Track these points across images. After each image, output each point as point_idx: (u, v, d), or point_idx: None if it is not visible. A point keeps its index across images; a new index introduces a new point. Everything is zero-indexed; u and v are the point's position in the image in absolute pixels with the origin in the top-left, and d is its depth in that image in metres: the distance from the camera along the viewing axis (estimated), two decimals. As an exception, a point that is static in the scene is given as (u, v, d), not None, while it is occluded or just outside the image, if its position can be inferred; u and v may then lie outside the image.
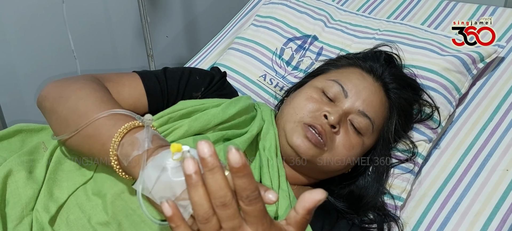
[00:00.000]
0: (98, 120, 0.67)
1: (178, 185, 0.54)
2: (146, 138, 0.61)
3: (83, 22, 1.67)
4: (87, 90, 0.75)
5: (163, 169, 0.55)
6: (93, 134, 0.67)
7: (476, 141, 1.02)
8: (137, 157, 0.61)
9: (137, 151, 0.61)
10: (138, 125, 0.66)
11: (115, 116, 0.68)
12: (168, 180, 0.55)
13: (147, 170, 0.57)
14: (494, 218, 0.90)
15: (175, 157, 0.54)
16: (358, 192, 0.92)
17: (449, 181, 0.97)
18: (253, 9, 1.49)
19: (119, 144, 0.64)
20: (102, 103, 0.71)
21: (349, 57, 1.01)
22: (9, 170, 0.72)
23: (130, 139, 0.64)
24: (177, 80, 0.92)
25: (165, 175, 0.55)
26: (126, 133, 0.65)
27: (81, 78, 0.81)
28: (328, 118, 0.83)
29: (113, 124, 0.66)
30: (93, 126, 0.67)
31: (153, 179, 0.56)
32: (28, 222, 0.69)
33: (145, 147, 0.60)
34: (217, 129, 0.82)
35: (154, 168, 0.57)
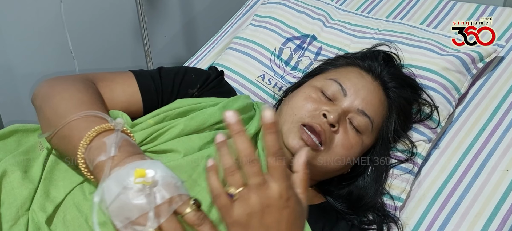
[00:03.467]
0: (73, 122, 0.68)
1: (135, 209, 0.55)
2: (114, 143, 0.61)
3: (81, 21, 1.67)
4: (71, 91, 0.76)
5: (124, 188, 0.55)
6: (68, 135, 0.68)
7: (476, 141, 1.02)
8: (101, 163, 0.61)
9: (102, 157, 0.61)
10: (109, 128, 0.66)
11: (89, 117, 0.68)
12: (127, 201, 0.55)
13: (108, 182, 0.57)
14: (494, 218, 0.89)
15: (137, 180, 0.55)
16: (357, 192, 0.91)
17: (449, 182, 0.97)
18: (252, 8, 1.48)
19: (86, 147, 0.64)
20: (81, 105, 0.71)
21: (348, 56, 1.00)
22: (4, 170, 0.72)
23: (98, 143, 0.64)
24: (172, 78, 0.92)
25: (125, 195, 0.55)
26: (95, 136, 0.65)
27: (71, 78, 0.81)
28: (327, 116, 0.83)
29: (86, 126, 0.66)
30: (68, 127, 0.68)
31: (112, 194, 0.56)
32: (23, 223, 0.68)
33: (110, 153, 0.60)
34: (214, 128, 0.81)
35: (115, 182, 0.56)
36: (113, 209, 0.56)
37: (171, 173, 0.59)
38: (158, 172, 0.57)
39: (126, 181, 0.55)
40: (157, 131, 0.78)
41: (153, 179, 0.56)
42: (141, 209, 0.55)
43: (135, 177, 0.55)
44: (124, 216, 0.55)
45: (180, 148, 0.75)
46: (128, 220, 0.55)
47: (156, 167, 0.58)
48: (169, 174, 0.58)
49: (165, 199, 0.56)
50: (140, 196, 0.55)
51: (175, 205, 0.57)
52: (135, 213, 0.55)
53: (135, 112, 0.85)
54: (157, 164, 0.59)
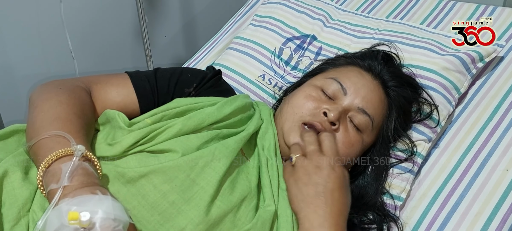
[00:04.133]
0: (42, 140, 0.68)
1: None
2: (68, 172, 0.62)
3: (81, 22, 1.67)
4: (51, 102, 0.76)
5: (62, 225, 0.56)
6: (36, 153, 0.69)
7: (476, 140, 1.02)
8: (53, 191, 0.62)
9: (54, 185, 0.62)
10: (70, 153, 0.66)
11: (56, 138, 0.68)
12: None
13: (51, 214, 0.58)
14: (494, 218, 0.89)
15: (71, 222, 0.55)
16: (358, 191, 0.91)
17: (449, 181, 0.97)
18: (252, 8, 1.48)
19: (45, 171, 0.65)
20: (55, 121, 0.72)
21: (348, 56, 1.01)
22: (5, 171, 0.72)
23: (54, 168, 0.64)
24: (168, 78, 0.92)
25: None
26: (54, 161, 0.65)
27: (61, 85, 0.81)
28: (327, 115, 0.83)
29: (51, 148, 0.66)
30: (37, 145, 0.69)
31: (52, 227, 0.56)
32: (25, 223, 0.69)
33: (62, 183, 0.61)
34: (212, 128, 0.81)
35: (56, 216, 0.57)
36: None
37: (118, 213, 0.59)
38: (99, 212, 0.56)
39: (64, 218, 0.56)
40: (155, 130, 0.77)
41: (88, 222, 0.55)
42: None
43: (68, 219, 0.55)
44: None
45: (178, 148, 0.75)
46: None
47: (100, 206, 0.58)
48: (111, 216, 0.58)
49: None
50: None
51: None
52: None
53: (132, 113, 0.85)
54: (104, 202, 0.59)
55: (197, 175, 0.73)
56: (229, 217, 0.73)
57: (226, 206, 0.73)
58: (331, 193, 0.73)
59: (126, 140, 0.76)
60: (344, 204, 0.74)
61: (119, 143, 0.75)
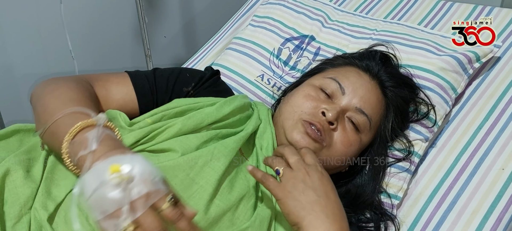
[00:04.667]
0: (59, 119, 0.69)
1: (112, 203, 0.55)
2: (95, 137, 0.62)
3: (81, 22, 1.67)
4: (61, 89, 0.77)
5: (102, 182, 0.56)
6: (55, 132, 0.69)
7: (472, 140, 1.03)
8: (83, 157, 0.62)
9: (84, 151, 0.62)
10: (92, 123, 0.67)
11: (75, 114, 0.69)
12: (104, 195, 0.56)
13: (87, 176, 0.58)
14: (490, 216, 0.90)
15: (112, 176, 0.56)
16: (355, 190, 0.92)
17: (446, 180, 0.98)
18: (251, 9, 1.49)
19: (70, 142, 0.66)
20: (69, 102, 0.73)
21: (346, 56, 1.02)
22: (7, 169, 0.72)
23: (80, 138, 0.65)
24: (166, 77, 0.93)
25: (102, 189, 0.56)
26: (78, 131, 0.66)
27: (66, 78, 0.83)
28: (326, 114, 0.84)
29: (70, 123, 0.67)
30: (55, 124, 0.69)
31: (91, 188, 0.57)
32: (26, 221, 0.70)
33: (92, 148, 0.61)
34: (211, 128, 0.82)
35: (94, 176, 0.58)
36: (91, 202, 0.57)
37: (151, 168, 0.59)
38: (136, 167, 0.57)
39: (103, 175, 0.56)
40: (155, 130, 0.78)
41: (129, 174, 0.56)
42: (117, 203, 0.55)
43: (110, 172, 0.56)
44: (102, 209, 0.56)
45: (177, 147, 0.76)
46: (106, 214, 0.56)
47: (135, 162, 0.58)
48: (147, 170, 0.59)
49: (142, 194, 0.57)
50: (116, 191, 0.56)
51: (151, 200, 0.57)
52: (112, 206, 0.55)
53: (131, 112, 0.86)
54: (137, 159, 0.59)
55: (197, 174, 0.74)
56: (228, 215, 0.74)
57: (224, 204, 0.74)
58: (326, 195, 0.72)
59: (127, 139, 0.77)
60: (340, 205, 0.74)
61: None
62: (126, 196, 0.56)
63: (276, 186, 0.72)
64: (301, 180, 0.72)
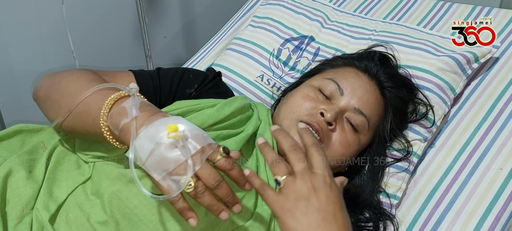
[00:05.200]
0: (88, 97, 0.70)
1: (172, 161, 0.58)
2: (133, 105, 0.64)
3: (82, 22, 1.68)
4: (76, 74, 0.78)
5: (157, 144, 0.59)
6: (84, 110, 0.70)
7: (471, 140, 1.03)
8: (126, 125, 0.63)
9: (126, 119, 0.63)
10: (125, 95, 0.68)
11: (102, 90, 0.70)
12: (162, 155, 0.58)
13: (140, 141, 0.60)
14: (488, 216, 0.91)
15: (170, 135, 0.58)
16: (354, 190, 0.93)
17: (444, 180, 0.98)
18: (251, 10, 1.50)
19: (108, 115, 0.67)
20: (91, 82, 0.74)
21: (345, 57, 1.02)
22: (9, 170, 0.73)
23: (117, 109, 0.66)
24: (170, 77, 0.94)
25: (159, 150, 0.58)
26: (113, 104, 0.67)
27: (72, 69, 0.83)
28: (324, 115, 0.84)
29: (102, 98, 0.68)
30: (83, 103, 0.70)
31: (147, 151, 0.59)
32: (28, 221, 0.70)
33: (133, 114, 0.63)
34: (212, 129, 0.83)
35: (147, 139, 0.59)
36: (149, 164, 0.59)
37: (196, 126, 0.62)
38: (186, 126, 0.60)
39: (157, 137, 0.59)
40: None
41: (183, 133, 0.59)
42: (177, 161, 0.58)
43: (168, 132, 0.58)
44: (161, 169, 0.59)
45: None
46: (166, 172, 0.59)
47: (182, 122, 0.62)
48: (195, 127, 0.62)
49: (198, 149, 0.59)
50: (174, 149, 0.59)
51: (206, 153, 0.60)
52: (172, 164, 0.58)
53: None
54: (181, 119, 0.62)
55: None
56: (228, 216, 0.75)
57: None
58: (334, 217, 0.59)
59: None
60: (348, 227, 0.61)
61: None
62: (186, 152, 0.59)
63: (274, 200, 0.61)
64: (305, 197, 0.59)
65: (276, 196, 0.61)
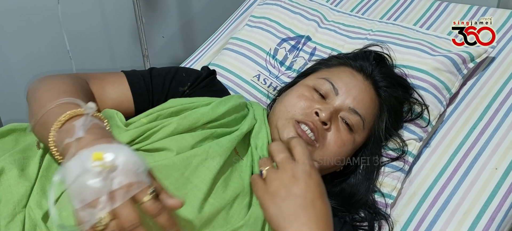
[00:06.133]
0: (50, 109, 0.69)
1: (90, 192, 0.55)
2: (82, 126, 0.62)
3: (78, 22, 1.68)
4: (56, 83, 0.78)
5: (84, 170, 0.55)
6: (45, 122, 0.70)
7: (466, 140, 1.03)
8: (67, 144, 0.62)
9: (69, 139, 0.62)
10: (81, 113, 0.67)
11: (65, 104, 0.70)
12: (84, 183, 0.55)
13: (70, 163, 0.57)
14: (482, 216, 0.91)
15: (94, 164, 0.55)
16: (349, 190, 0.93)
17: (439, 180, 0.98)
18: (248, 9, 1.50)
19: (57, 131, 0.66)
20: (62, 94, 0.73)
21: (340, 57, 1.02)
22: (1, 168, 0.73)
23: (68, 126, 0.65)
24: (163, 77, 0.94)
25: (83, 177, 0.55)
26: (66, 120, 0.66)
27: (62, 74, 0.83)
28: (319, 114, 0.84)
29: (60, 112, 0.67)
30: (46, 115, 0.70)
31: (72, 175, 0.56)
32: (20, 219, 0.70)
33: (77, 135, 0.61)
34: (206, 127, 0.83)
35: (77, 163, 0.57)
36: (72, 190, 0.56)
37: (136, 159, 0.59)
38: (120, 157, 0.56)
39: (86, 163, 0.56)
40: (150, 129, 0.79)
41: (112, 163, 0.55)
42: (96, 192, 0.55)
43: (92, 160, 0.55)
44: (81, 197, 0.55)
45: (172, 146, 0.76)
46: (84, 203, 0.55)
47: (120, 151, 0.58)
48: (131, 160, 0.58)
49: (122, 185, 0.56)
50: (97, 179, 0.55)
51: (132, 191, 0.56)
52: (91, 195, 0.55)
53: (127, 111, 0.87)
54: (122, 149, 0.59)
55: (191, 173, 0.75)
56: (222, 214, 0.75)
57: (219, 203, 0.74)
58: (313, 203, 0.65)
59: (122, 138, 0.77)
60: (327, 213, 0.66)
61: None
62: (107, 185, 0.55)
63: (258, 188, 0.67)
64: (285, 184, 0.65)
65: (262, 185, 0.68)
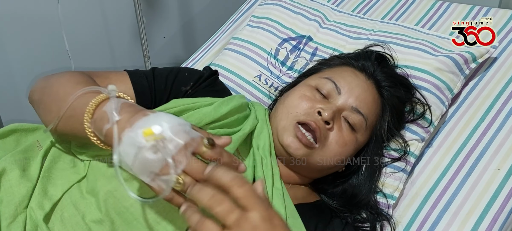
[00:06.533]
0: (75, 102, 0.70)
1: (156, 163, 0.58)
2: (113, 109, 0.63)
3: (78, 22, 1.68)
4: (66, 76, 0.79)
5: (139, 148, 0.58)
6: (72, 115, 0.70)
7: (468, 140, 1.03)
8: (109, 131, 0.63)
9: (107, 125, 0.63)
10: (105, 97, 0.68)
11: (86, 94, 0.70)
12: (145, 158, 0.57)
13: (123, 147, 0.59)
14: (485, 217, 0.90)
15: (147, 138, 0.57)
16: (351, 190, 0.93)
17: (441, 180, 0.98)
18: (249, 9, 1.50)
19: (90, 121, 0.67)
20: (78, 85, 0.74)
21: (342, 56, 1.02)
22: (3, 169, 0.73)
23: (99, 114, 0.66)
24: (165, 76, 0.93)
25: (142, 154, 0.58)
26: (95, 109, 0.67)
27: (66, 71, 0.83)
28: (321, 114, 0.84)
29: (85, 102, 0.68)
30: (70, 108, 0.70)
31: (131, 156, 0.58)
32: (21, 220, 0.70)
33: (113, 119, 0.62)
34: (209, 127, 0.83)
35: (129, 144, 0.59)
36: (136, 169, 0.59)
37: (178, 119, 0.61)
38: (164, 124, 0.59)
39: (137, 141, 0.58)
40: None
41: (161, 133, 0.58)
42: (161, 162, 0.57)
43: (144, 137, 0.57)
44: (149, 171, 0.58)
45: None
46: (154, 174, 0.58)
47: (161, 119, 0.60)
48: (175, 122, 0.60)
49: (180, 146, 0.58)
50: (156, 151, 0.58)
51: (190, 148, 0.59)
52: (157, 166, 0.57)
53: None
54: (162, 116, 0.61)
55: None
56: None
57: None
58: None
59: None
60: None
61: None
62: (167, 152, 0.57)
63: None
64: None
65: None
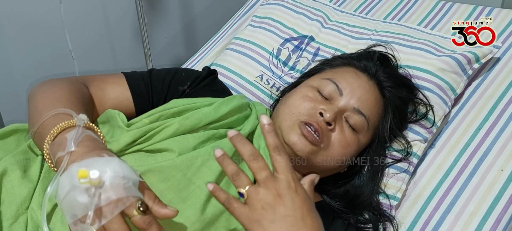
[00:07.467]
0: (45, 121, 0.70)
1: (80, 208, 0.56)
2: (73, 139, 0.63)
3: (81, 22, 1.68)
4: (53, 89, 0.78)
5: (73, 186, 0.56)
6: (41, 133, 0.70)
7: (472, 141, 1.02)
8: (60, 158, 0.63)
9: (61, 152, 0.63)
10: (72, 124, 0.68)
11: (59, 115, 0.70)
12: (74, 199, 0.56)
13: (62, 178, 0.59)
14: (488, 218, 0.90)
15: (81, 181, 0.56)
16: (354, 191, 0.92)
17: (444, 181, 0.97)
18: (251, 9, 1.49)
19: (51, 143, 0.67)
20: (57, 103, 0.73)
21: (344, 57, 1.02)
22: (4, 169, 0.73)
23: (60, 139, 0.66)
24: (162, 77, 0.94)
25: (73, 193, 0.56)
26: (59, 132, 0.67)
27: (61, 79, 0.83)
28: (323, 115, 0.84)
29: (54, 124, 0.68)
30: (42, 126, 0.70)
31: (64, 191, 0.57)
32: (23, 221, 0.70)
33: (69, 149, 0.62)
34: (209, 128, 0.82)
35: (67, 179, 0.58)
36: (64, 205, 0.57)
37: (126, 172, 0.59)
38: (107, 171, 0.57)
39: (74, 179, 0.56)
40: (152, 130, 0.78)
41: (98, 180, 0.56)
42: (85, 208, 0.56)
43: (78, 178, 0.56)
44: (72, 213, 0.56)
45: (174, 147, 0.76)
46: (75, 218, 0.56)
47: (108, 166, 0.58)
48: (120, 174, 0.58)
49: (111, 200, 0.56)
50: (85, 196, 0.56)
51: (120, 207, 0.56)
52: (80, 211, 0.56)
53: (127, 112, 0.87)
54: (111, 163, 0.59)
55: (194, 174, 0.74)
56: (225, 215, 0.74)
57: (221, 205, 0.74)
58: (303, 221, 0.60)
59: (124, 138, 0.77)
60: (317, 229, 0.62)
61: (117, 141, 0.76)
62: (94, 201, 0.55)
63: (241, 213, 0.60)
64: (271, 205, 0.59)
65: (243, 208, 0.60)
